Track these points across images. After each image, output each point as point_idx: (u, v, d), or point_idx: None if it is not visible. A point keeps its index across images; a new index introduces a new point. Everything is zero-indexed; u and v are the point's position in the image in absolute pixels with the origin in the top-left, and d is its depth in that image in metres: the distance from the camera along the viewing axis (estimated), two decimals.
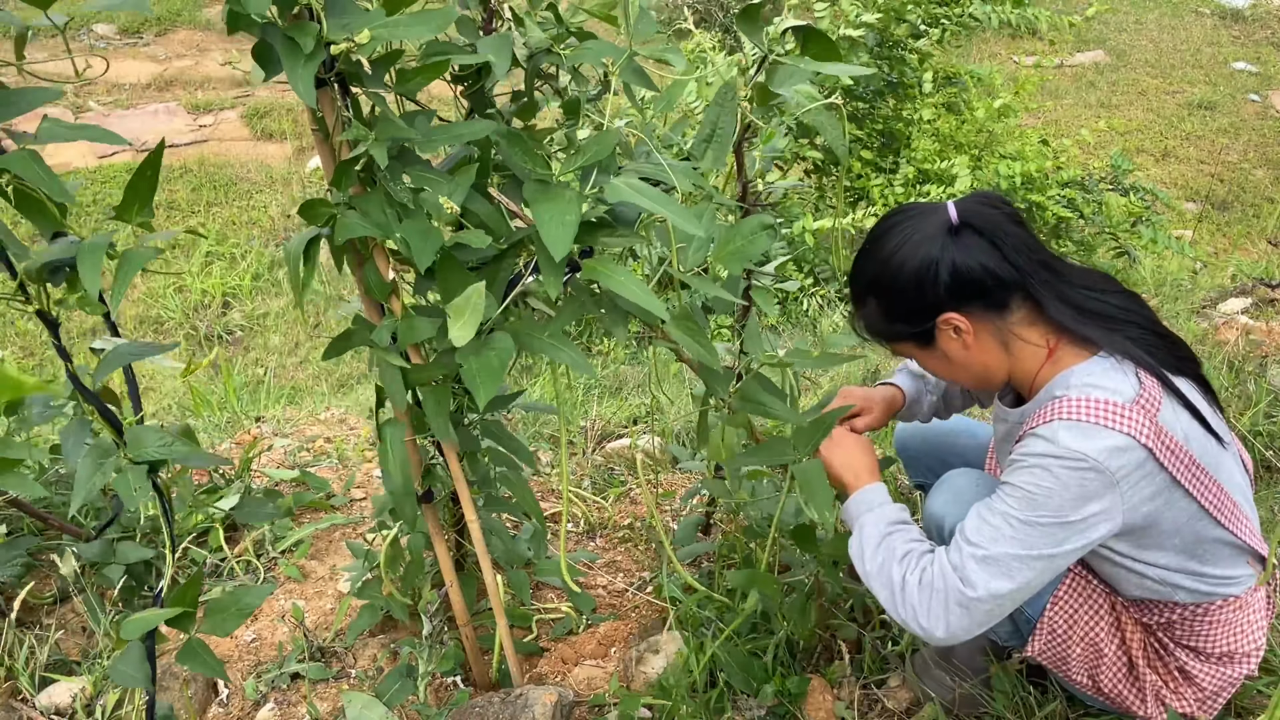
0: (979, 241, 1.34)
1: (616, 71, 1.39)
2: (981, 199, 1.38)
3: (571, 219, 1.25)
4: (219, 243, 6.46)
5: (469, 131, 1.34)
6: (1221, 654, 1.43)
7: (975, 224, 1.35)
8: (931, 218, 1.37)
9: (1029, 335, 1.38)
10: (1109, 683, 1.48)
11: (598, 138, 1.33)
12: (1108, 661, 1.46)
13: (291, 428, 3.18)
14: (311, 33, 1.20)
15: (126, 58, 9.13)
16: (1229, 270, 5.01)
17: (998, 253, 1.34)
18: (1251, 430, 2.52)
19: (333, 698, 1.88)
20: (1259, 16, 10.64)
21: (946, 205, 1.37)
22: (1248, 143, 8.17)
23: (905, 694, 1.75)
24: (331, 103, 1.34)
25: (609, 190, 1.29)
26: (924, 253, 1.35)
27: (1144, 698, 1.47)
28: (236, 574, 2.24)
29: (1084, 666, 1.48)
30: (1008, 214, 1.37)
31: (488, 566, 1.68)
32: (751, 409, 1.61)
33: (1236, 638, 1.43)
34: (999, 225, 1.35)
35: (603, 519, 2.52)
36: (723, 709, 1.69)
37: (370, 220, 1.33)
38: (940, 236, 1.35)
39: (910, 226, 1.38)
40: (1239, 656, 1.44)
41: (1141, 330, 1.37)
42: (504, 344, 1.35)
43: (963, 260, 1.34)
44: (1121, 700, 1.49)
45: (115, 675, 1.33)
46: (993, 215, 1.36)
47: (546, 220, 1.26)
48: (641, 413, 3.22)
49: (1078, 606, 1.46)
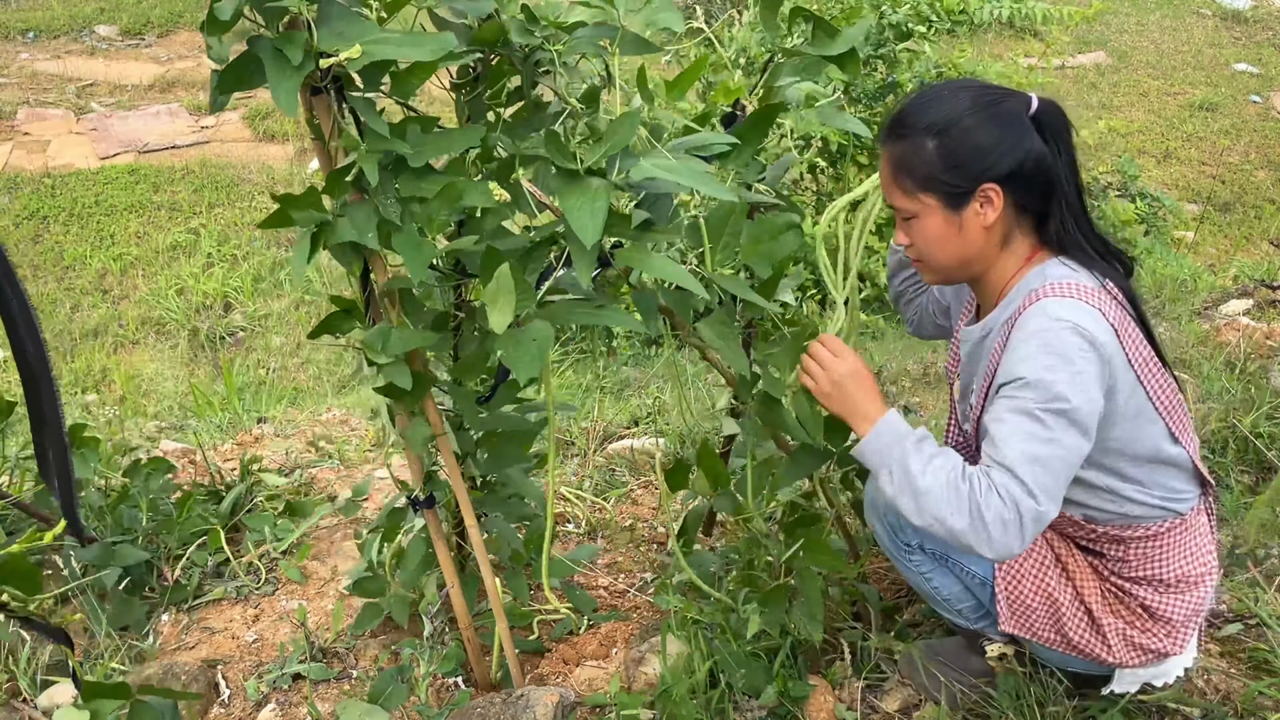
0: (1044, 141, 1.40)
1: (616, 51, 1.38)
2: (1056, 107, 1.43)
3: (600, 205, 1.25)
4: (221, 244, 6.46)
5: (460, 140, 1.34)
6: (1178, 579, 1.48)
7: (1048, 123, 1.40)
8: (1016, 98, 1.41)
9: (1023, 239, 1.46)
10: (1075, 633, 1.52)
11: (619, 122, 1.33)
12: (1066, 610, 1.51)
13: (293, 429, 3.18)
14: (299, 43, 1.18)
15: (128, 59, 9.14)
16: (1231, 272, 5.01)
17: (1058, 160, 1.40)
18: (1253, 431, 2.52)
19: (334, 698, 1.88)
20: (1260, 18, 10.64)
21: (1029, 94, 1.42)
22: (1249, 144, 8.16)
23: (906, 694, 1.75)
24: (327, 109, 1.33)
25: (635, 171, 1.29)
26: (1009, 120, 1.39)
27: (1109, 645, 1.51)
28: (239, 575, 2.24)
29: (1049, 621, 1.53)
30: (1071, 130, 1.44)
31: (486, 568, 1.68)
32: (770, 418, 1.61)
33: (1188, 560, 1.48)
34: (1064, 137, 1.42)
35: (604, 520, 2.52)
36: (724, 710, 1.69)
37: (360, 230, 1.32)
38: (1024, 117, 1.40)
39: (999, 93, 1.42)
40: (1194, 579, 1.49)
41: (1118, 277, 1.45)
42: (543, 331, 1.33)
43: (1035, 148, 1.39)
44: (1090, 649, 1.52)
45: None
46: (1063, 125, 1.42)
47: (575, 209, 1.26)
48: (644, 414, 3.22)
49: (1022, 559, 1.51)
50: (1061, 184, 1.41)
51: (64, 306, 5.82)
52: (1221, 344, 3.14)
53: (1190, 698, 1.69)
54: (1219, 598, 1.98)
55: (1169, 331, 3.39)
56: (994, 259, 1.46)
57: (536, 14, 1.34)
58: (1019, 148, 1.38)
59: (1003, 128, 1.38)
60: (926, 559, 1.58)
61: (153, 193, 6.99)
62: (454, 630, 1.87)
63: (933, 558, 1.58)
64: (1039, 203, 1.42)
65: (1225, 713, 1.65)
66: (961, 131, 1.39)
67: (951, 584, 1.59)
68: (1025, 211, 1.43)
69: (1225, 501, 2.33)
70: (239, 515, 2.40)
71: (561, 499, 2.61)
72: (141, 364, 5.28)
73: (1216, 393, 2.77)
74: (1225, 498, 2.34)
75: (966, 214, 1.41)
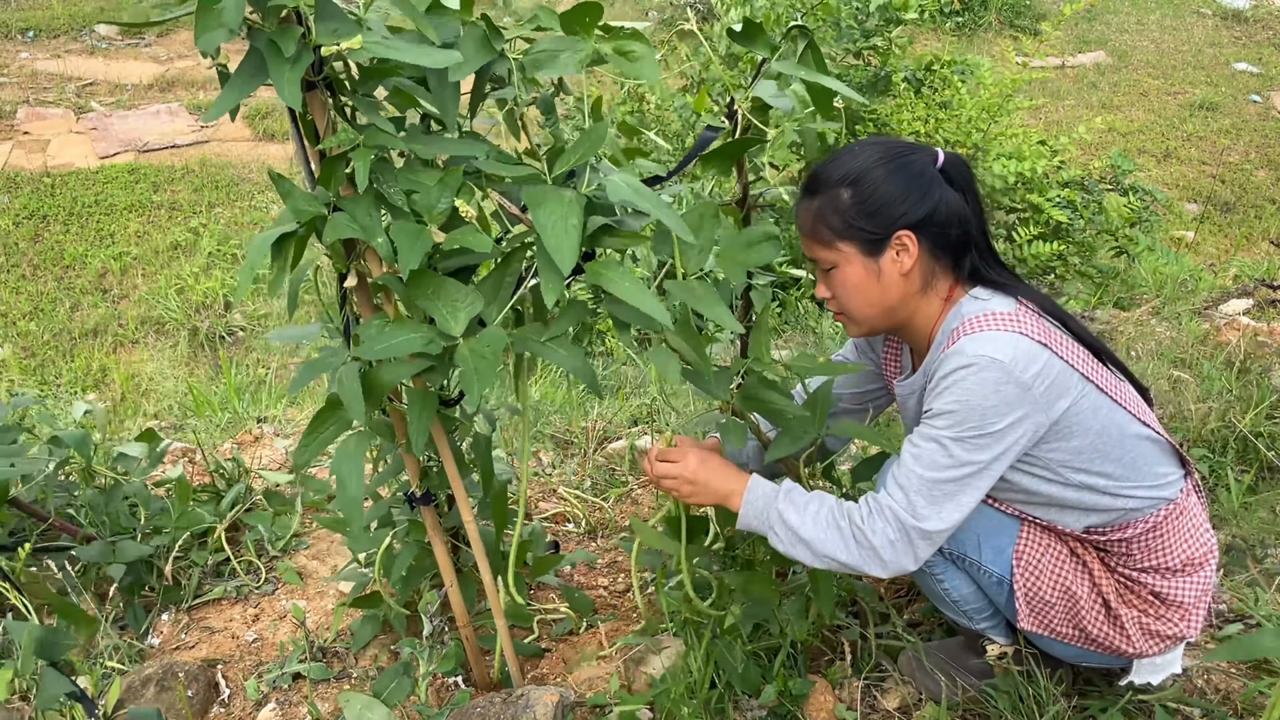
0: (953, 190, 1.48)
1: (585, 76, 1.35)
2: (960, 159, 1.51)
3: (575, 223, 1.22)
4: (221, 243, 6.46)
5: (460, 148, 1.33)
6: (1183, 564, 1.52)
7: (954, 175, 1.48)
8: (923, 152, 1.49)
9: (943, 281, 1.51)
10: (1094, 627, 1.53)
11: (587, 133, 1.30)
12: (1085, 604, 1.53)
13: (293, 428, 3.18)
14: (294, 36, 1.18)
15: (128, 59, 9.14)
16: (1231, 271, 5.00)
17: (966, 207, 1.48)
18: (1254, 431, 2.52)
19: (334, 698, 1.88)
20: (1260, 17, 10.64)
21: (935, 149, 1.50)
22: (1249, 144, 8.16)
23: (905, 694, 1.75)
24: (321, 105, 1.33)
25: (610, 188, 1.27)
26: (919, 170, 1.46)
27: (1128, 635, 1.52)
28: (238, 574, 2.24)
29: (1067, 617, 1.54)
30: (974, 179, 1.53)
31: (485, 568, 1.68)
32: (754, 408, 1.60)
33: (1189, 544, 1.52)
34: (970, 185, 1.50)
35: (603, 520, 2.52)
36: (724, 710, 1.69)
37: (358, 222, 1.31)
38: (931, 168, 1.47)
39: (907, 146, 1.49)
40: (1198, 561, 1.52)
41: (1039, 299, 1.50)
42: (496, 339, 1.32)
43: (946, 196, 1.46)
44: (1110, 643, 1.53)
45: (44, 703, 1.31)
46: (968, 175, 1.51)
47: (549, 227, 1.23)
48: (643, 414, 3.21)
49: (1040, 555, 1.53)
50: (979, 229, 1.49)
51: (63, 306, 5.82)
52: (1221, 343, 3.14)
53: (1190, 697, 1.69)
54: (1219, 597, 1.98)
55: (1169, 331, 3.39)
56: (916, 305, 1.51)
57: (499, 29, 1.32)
58: (930, 196, 1.45)
59: (911, 178, 1.45)
60: (940, 559, 1.59)
61: (152, 192, 6.99)
62: (453, 630, 1.87)
63: (947, 558, 1.59)
64: (954, 247, 1.48)
65: (1225, 712, 1.65)
66: (873, 182, 1.45)
67: (964, 585, 1.60)
68: (941, 256, 1.49)
69: (1225, 501, 2.33)
70: (238, 514, 2.40)
71: (560, 499, 2.61)
72: (141, 363, 5.27)
73: (1216, 392, 2.77)
74: (1225, 498, 2.34)
75: (884, 261, 1.47)
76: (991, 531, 1.54)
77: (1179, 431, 2.62)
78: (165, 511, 2.24)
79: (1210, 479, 2.46)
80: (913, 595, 2.04)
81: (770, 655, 1.79)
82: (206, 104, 8.30)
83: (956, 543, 1.55)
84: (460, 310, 1.32)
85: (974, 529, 1.53)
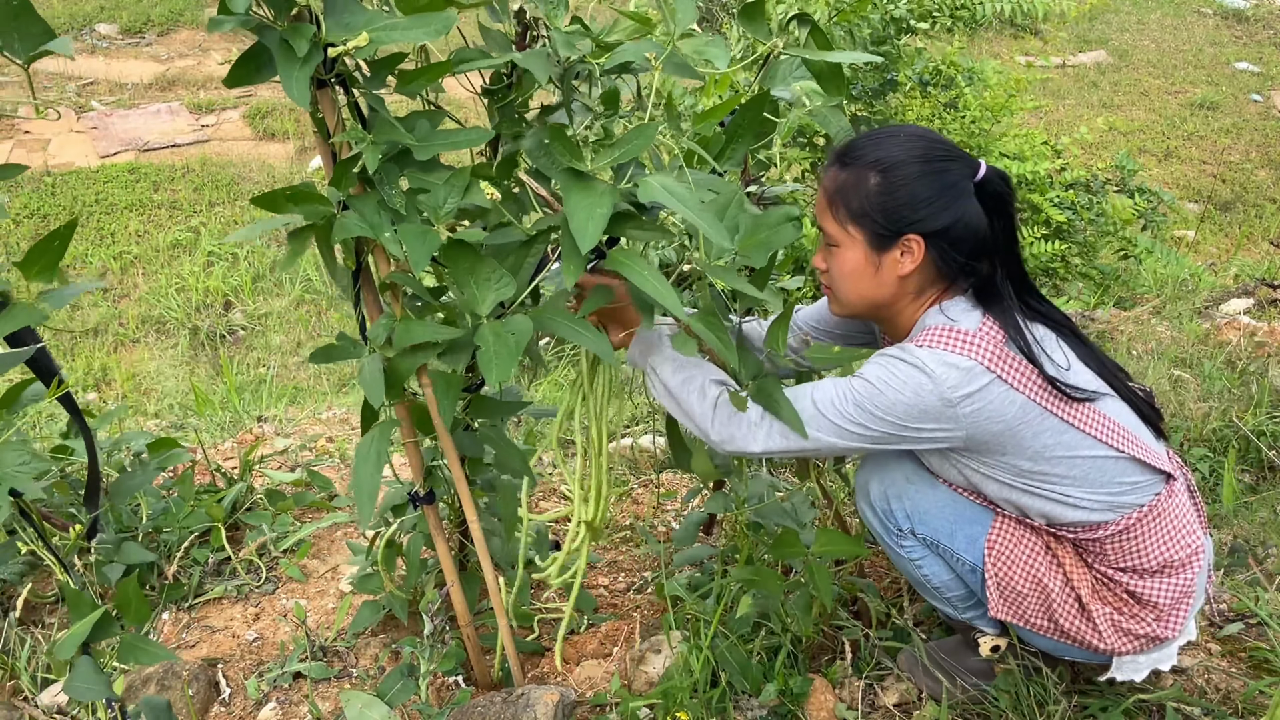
0: (981, 210, 1.45)
1: (659, 65, 1.38)
2: (1001, 176, 1.47)
3: (602, 212, 1.25)
4: (221, 243, 6.46)
5: (466, 139, 1.34)
6: (1161, 565, 1.49)
7: (991, 191, 1.45)
8: (964, 161, 1.46)
9: (935, 292, 1.50)
10: (1066, 619, 1.53)
11: (635, 131, 1.32)
12: (1057, 597, 1.52)
13: (293, 427, 3.18)
14: (307, 35, 1.19)
15: (129, 58, 9.14)
16: (1231, 271, 5.01)
17: (989, 228, 1.45)
18: (1255, 430, 2.52)
19: (334, 697, 1.88)
20: (1261, 16, 10.64)
21: (979, 161, 1.47)
22: (1250, 143, 8.16)
23: (905, 693, 1.75)
24: (332, 103, 1.33)
25: (643, 187, 1.29)
26: (952, 181, 1.43)
27: (1099, 632, 1.52)
28: (239, 573, 2.24)
29: (1040, 608, 1.54)
30: (1014, 199, 1.49)
31: (488, 567, 1.68)
32: (767, 404, 1.61)
33: (1168, 546, 1.49)
34: (1006, 206, 1.46)
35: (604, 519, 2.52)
36: (724, 709, 1.69)
37: (367, 220, 1.33)
38: (967, 182, 1.44)
39: (949, 151, 1.46)
40: (1179, 563, 1.50)
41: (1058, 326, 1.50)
42: (522, 326, 1.34)
43: (969, 213, 1.43)
44: (1082, 637, 1.53)
45: (72, 692, 1.34)
46: (1007, 194, 1.47)
47: (577, 211, 1.26)
48: (644, 412, 3.21)
49: (1013, 546, 1.53)
50: (998, 251, 1.46)
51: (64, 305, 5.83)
52: (1222, 343, 3.14)
53: (1190, 697, 1.69)
54: (1219, 596, 1.98)
55: (1169, 331, 3.39)
56: (903, 307, 1.52)
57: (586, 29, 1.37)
58: (952, 209, 1.42)
59: (942, 186, 1.42)
60: (917, 544, 1.60)
61: (153, 191, 6.99)
62: (454, 629, 1.87)
63: (924, 544, 1.59)
64: (962, 266, 1.46)
65: (1225, 712, 1.65)
66: (904, 177, 1.43)
67: (942, 571, 1.60)
68: (944, 269, 1.47)
69: (1225, 501, 2.33)
70: (239, 513, 2.40)
71: (561, 499, 2.61)
72: (142, 362, 5.28)
73: (1217, 392, 2.77)
74: (1225, 497, 2.34)
75: (886, 258, 1.47)
76: (965, 520, 1.55)
77: (1179, 431, 2.62)
78: (168, 511, 2.24)
79: (1210, 479, 2.46)
80: (913, 595, 2.04)
81: (771, 654, 1.79)
82: (207, 103, 8.30)
83: (931, 529, 1.57)
84: (490, 291, 1.35)
85: (949, 517, 1.55)
